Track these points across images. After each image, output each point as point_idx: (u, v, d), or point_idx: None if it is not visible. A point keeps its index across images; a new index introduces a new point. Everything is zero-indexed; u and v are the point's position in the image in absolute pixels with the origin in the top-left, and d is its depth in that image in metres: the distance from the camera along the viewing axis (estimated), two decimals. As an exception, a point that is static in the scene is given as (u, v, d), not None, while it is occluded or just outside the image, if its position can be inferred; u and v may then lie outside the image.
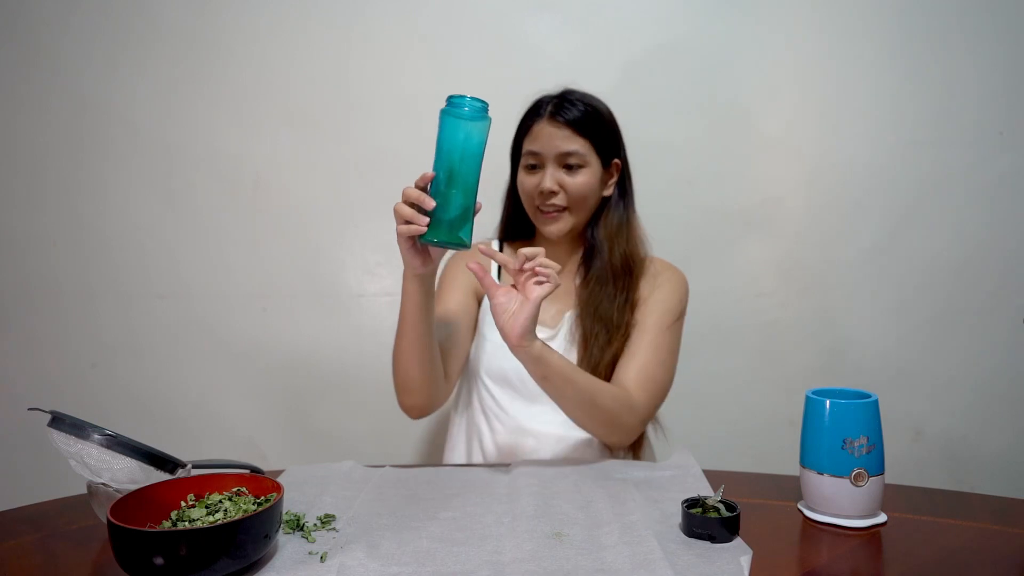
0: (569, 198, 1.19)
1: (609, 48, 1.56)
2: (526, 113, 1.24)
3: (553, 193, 1.18)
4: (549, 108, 1.19)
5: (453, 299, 1.26)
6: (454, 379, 1.25)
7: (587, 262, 1.25)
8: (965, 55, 1.52)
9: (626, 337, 1.20)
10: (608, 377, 1.17)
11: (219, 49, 1.59)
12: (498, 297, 0.99)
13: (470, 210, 0.95)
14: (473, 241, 1.30)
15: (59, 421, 0.83)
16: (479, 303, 1.30)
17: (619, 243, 1.22)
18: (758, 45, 1.55)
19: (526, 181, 1.21)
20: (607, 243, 1.22)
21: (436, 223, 0.94)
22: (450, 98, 0.94)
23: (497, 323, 0.99)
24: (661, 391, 1.19)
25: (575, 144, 1.17)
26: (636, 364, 1.16)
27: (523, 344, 0.98)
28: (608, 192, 1.24)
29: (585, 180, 1.19)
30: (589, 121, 1.19)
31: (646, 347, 1.18)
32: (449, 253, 1.25)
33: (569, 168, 1.18)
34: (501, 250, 1.32)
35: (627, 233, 1.24)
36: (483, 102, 0.94)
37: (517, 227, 1.31)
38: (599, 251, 1.22)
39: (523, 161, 1.22)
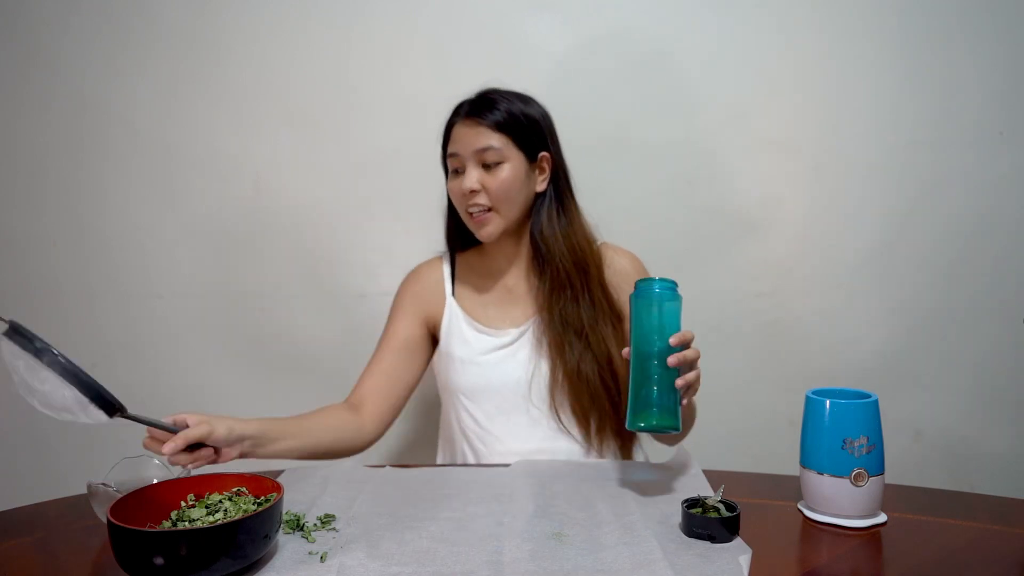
0: (491, 196, 1.15)
1: (609, 48, 1.56)
2: (447, 120, 1.22)
3: (474, 192, 1.15)
4: (465, 108, 1.18)
5: (398, 335, 1.27)
6: (388, 415, 1.24)
7: (537, 262, 1.22)
8: (965, 55, 1.52)
9: (600, 337, 1.18)
10: (594, 380, 1.17)
11: (219, 49, 1.59)
12: None
13: (677, 392, 0.93)
14: (427, 256, 1.28)
15: (15, 332, 0.81)
16: (431, 329, 1.28)
17: (563, 239, 1.19)
18: (758, 45, 1.55)
19: (453, 187, 1.19)
20: (551, 241, 1.19)
21: (645, 409, 0.92)
22: (638, 283, 0.96)
23: None
24: None
25: (491, 139, 1.14)
26: None
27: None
28: (541, 188, 1.21)
29: (506, 176, 1.15)
30: (504, 115, 1.16)
31: None
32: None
33: (488, 166, 1.15)
34: (453, 261, 1.31)
35: (569, 228, 1.21)
36: (672, 281, 0.95)
37: (460, 235, 1.29)
38: (545, 251, 1.20)
39: (448, 167, 1.21)
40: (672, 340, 0.93)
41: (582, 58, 1.56)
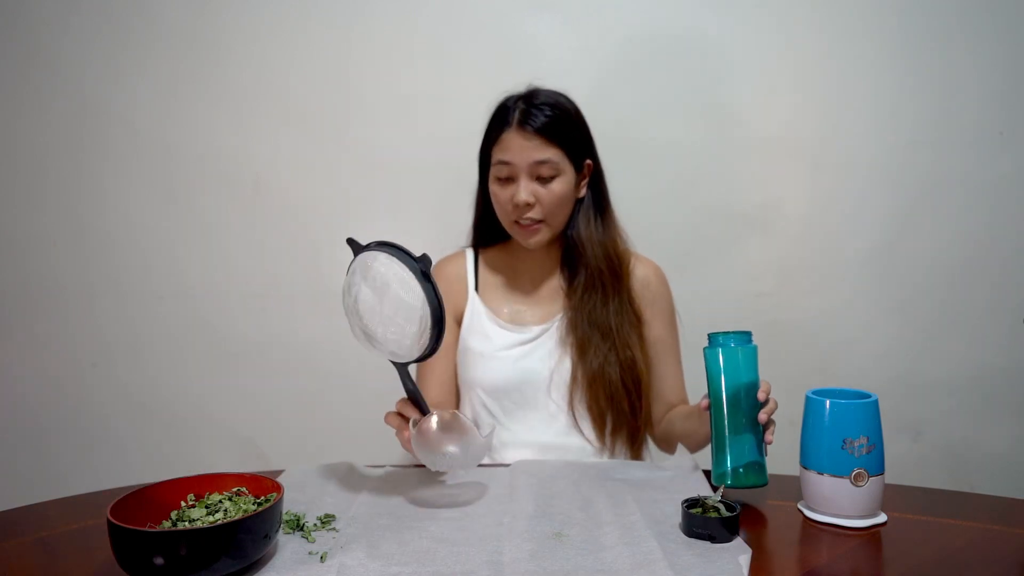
0: (545, 210, 1.15)
1: (609, 48, 1.56)
2: (492, 119, 1.18)
3: (529, 206, 1.14)
4: (516, 116, 1.14)
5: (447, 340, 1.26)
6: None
7: (568, 263, 1.22)
8: (965, 55, 1.52)
9: (626, 342, 1.19)
10: (615, 382, 1.17)
11: (219, 49, 1.59)
12: None
13: (763, 443, 0.93)
14: (448, 250, 1.27)
15: (389, 246, 0.93)
16: (459, 323, 1.27)
17: (599, 244, 1.20)
18: (758, 45, 1.55)
19: (500, 193, 1.16)
20: (588, 246, 1.20)
21: (736, 467, 0.91)
22: (716, 337, 0.95)
23: None
24: None
25: (547, 153, 1.13)
26: (679, 380, 1.26)
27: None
28: (581, 194, 1.21)
29: (560, 189, 1.14)
30: (559, 126, 1.14)
31: (676, 363, 1.26)
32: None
33: (542, 179, 1.14)
34: (476, 258, 1.30)
35: (605, 233, 1.21)
36: (748, 333, 0.95)
37: (488, 232, 1.28)
38: (580, 254, 1.20)
39: (494, 172, 1.17)
40: (760, 396, 0.92)
41: (582, 58, 1.56)
